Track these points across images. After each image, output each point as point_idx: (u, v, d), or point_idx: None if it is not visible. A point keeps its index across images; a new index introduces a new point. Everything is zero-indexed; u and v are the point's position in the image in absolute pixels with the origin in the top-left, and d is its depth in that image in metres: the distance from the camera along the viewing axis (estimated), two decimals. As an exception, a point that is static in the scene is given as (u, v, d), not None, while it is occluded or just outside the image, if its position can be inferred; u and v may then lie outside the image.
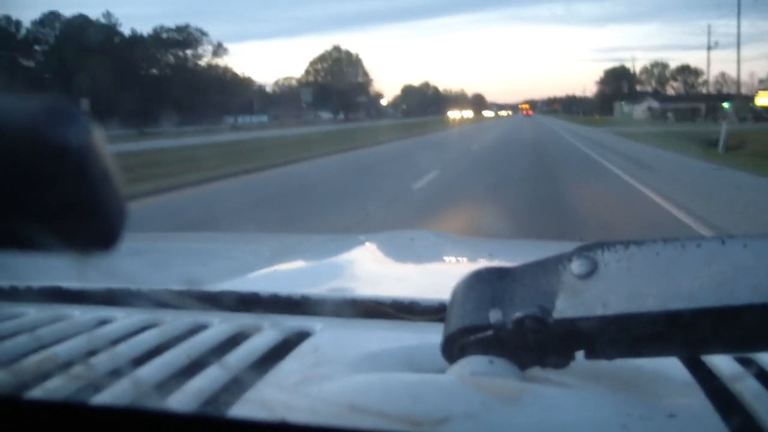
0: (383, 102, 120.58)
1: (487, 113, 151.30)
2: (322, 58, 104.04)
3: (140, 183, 10.76)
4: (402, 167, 14.89)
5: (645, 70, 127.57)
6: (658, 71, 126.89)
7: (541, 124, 60.58)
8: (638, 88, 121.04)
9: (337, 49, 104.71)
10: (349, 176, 13.57)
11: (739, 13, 52.55)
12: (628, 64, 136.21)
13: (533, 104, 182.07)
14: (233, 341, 0.74)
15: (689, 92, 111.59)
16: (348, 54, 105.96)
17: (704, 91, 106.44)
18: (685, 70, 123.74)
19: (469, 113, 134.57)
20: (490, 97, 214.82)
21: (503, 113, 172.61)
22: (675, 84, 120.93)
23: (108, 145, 0.38)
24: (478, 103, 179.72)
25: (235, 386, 0.61)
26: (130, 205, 0.39)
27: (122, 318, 0.81)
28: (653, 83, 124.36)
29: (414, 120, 76.39)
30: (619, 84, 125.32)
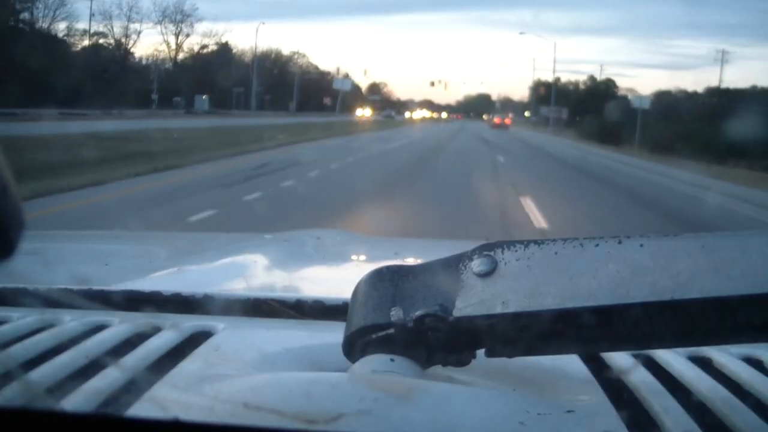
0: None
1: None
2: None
3: None
4: None
5: None
6: None
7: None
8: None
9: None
10: None
11: None
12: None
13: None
14: (133, 341, 0.72)
15: None
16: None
17: None
18: None
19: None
20: (439, 99, 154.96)
21: (445, 116, 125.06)
22: None
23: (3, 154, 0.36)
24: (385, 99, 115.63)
25: (134, 387, 0.60)
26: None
27: (17, 318, 0.78)
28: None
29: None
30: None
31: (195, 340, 0.74)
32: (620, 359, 0.70)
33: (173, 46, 63.45)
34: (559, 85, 73.39)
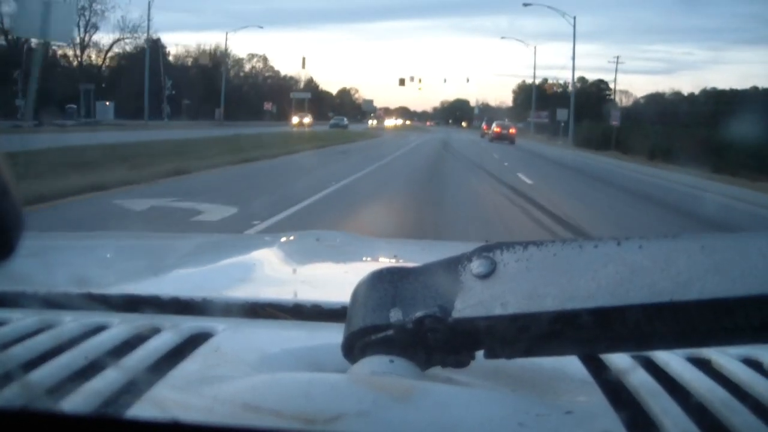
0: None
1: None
2: None
3: None
4: None
5: None
6: None
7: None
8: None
9: None
10: None
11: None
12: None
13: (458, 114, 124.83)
14: (133, 342, 0.72)
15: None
16: None
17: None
18: None
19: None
20: (415, 105, 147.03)
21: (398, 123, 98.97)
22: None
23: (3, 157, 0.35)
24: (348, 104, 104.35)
25: (134, 387, 0.60)
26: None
27: (17, 319, 0.78)
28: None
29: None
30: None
31: (194, 341, 0.74)
32: (619, 360, 0.70)
33: (77, 42, 50.15)
34: (544, 88, 67.39)
